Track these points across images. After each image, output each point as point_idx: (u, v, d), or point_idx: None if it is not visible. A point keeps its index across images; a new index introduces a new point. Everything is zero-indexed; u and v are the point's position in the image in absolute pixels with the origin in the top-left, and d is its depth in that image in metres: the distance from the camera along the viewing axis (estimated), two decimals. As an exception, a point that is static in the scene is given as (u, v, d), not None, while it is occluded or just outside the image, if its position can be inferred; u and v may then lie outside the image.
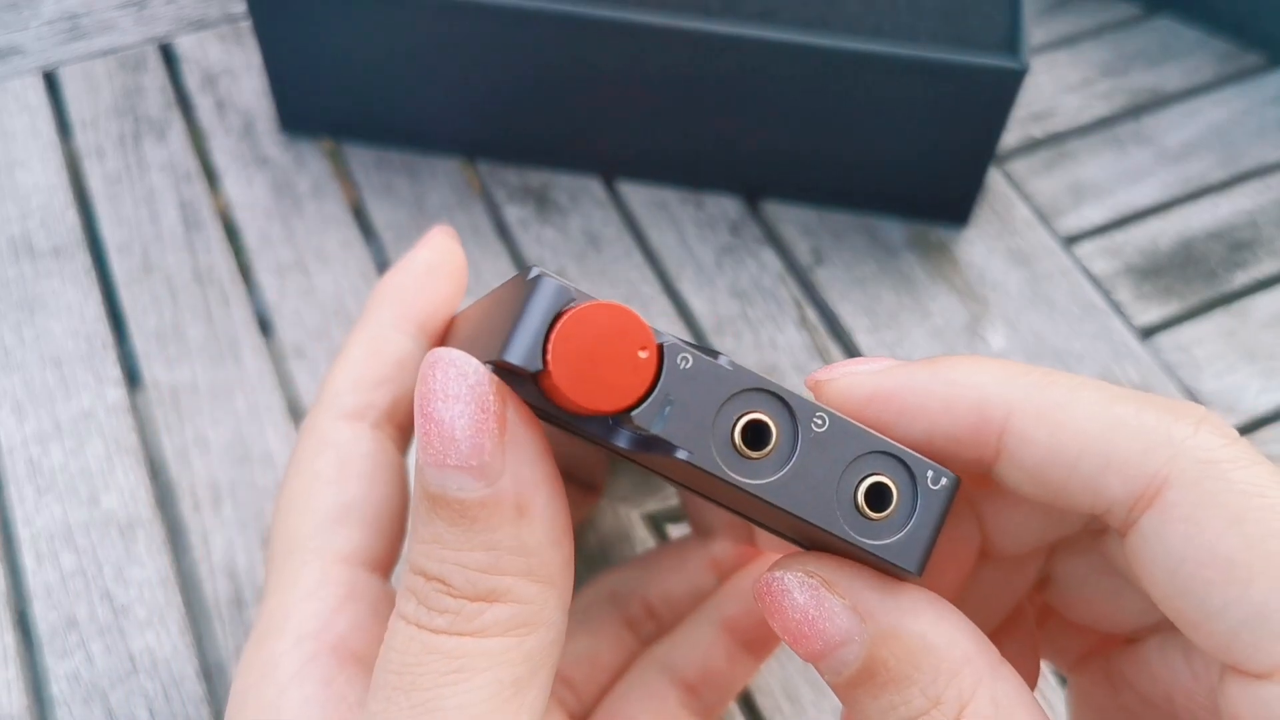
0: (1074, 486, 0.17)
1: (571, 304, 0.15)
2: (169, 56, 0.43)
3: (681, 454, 0.15)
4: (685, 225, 0.39)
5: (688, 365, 0.15)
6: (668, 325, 0.36)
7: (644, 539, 0.32)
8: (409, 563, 0.17)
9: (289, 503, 0.22)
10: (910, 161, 0.37)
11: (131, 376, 0.35)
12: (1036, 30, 0.44)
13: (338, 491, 0.22)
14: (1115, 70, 0.43)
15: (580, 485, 0.28)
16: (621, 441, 0.16)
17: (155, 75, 0.42)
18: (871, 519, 0.16)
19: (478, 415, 0.15)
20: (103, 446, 0.33)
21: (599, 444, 0.16)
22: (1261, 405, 0.35)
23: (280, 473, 0.33)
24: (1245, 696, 0.16)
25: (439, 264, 0.24)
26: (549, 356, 0.15)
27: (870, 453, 0.16)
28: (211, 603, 0.31)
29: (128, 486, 0.32)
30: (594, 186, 0.40)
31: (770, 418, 0.16)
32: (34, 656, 0.30)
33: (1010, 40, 0.34)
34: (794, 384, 0.35)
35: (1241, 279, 0.38)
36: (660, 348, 0.15)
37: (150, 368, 0.35)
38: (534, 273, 0.15)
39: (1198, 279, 0.38)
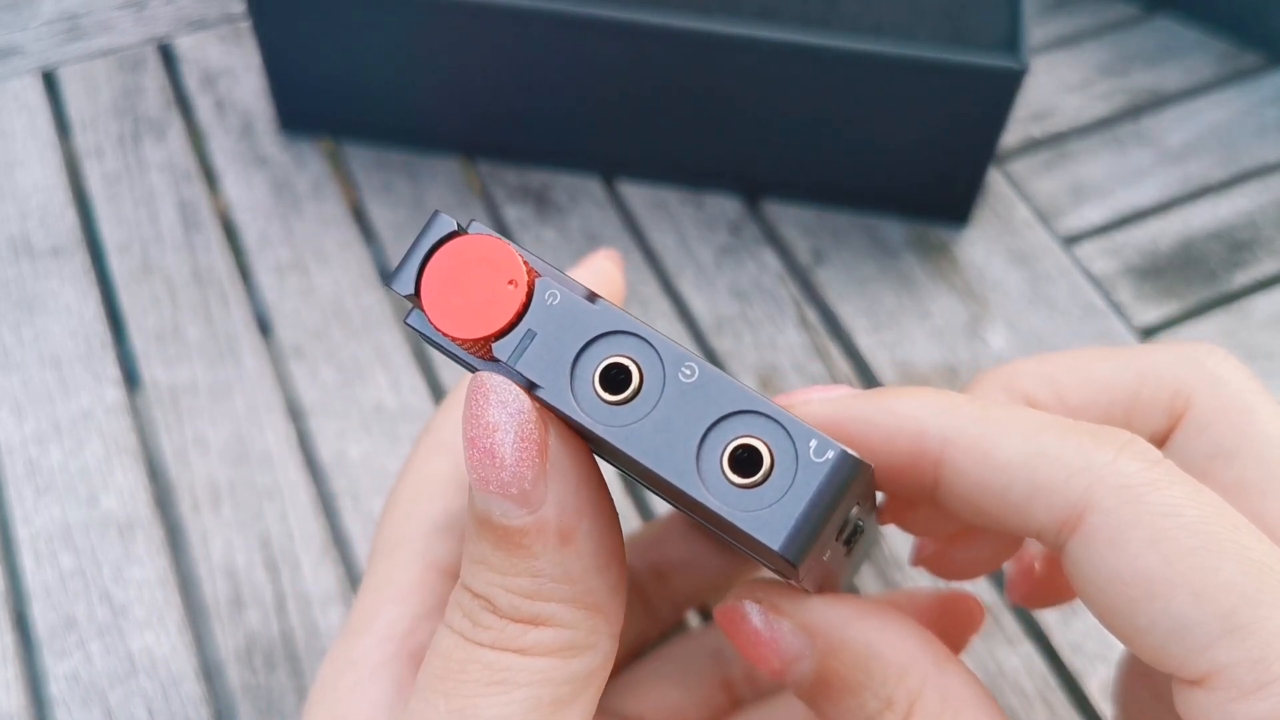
0: (1005, 514, 0.18)
1: (455, 236, 0.16)
2: (168, 57, 0.43)
3: (540, 393, 0.15)
4: (685, 225, 0.39)
5: (555, 301, 0.15)
6: (667, 325, 0.36)
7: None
8: (460, 578, 0.17)
9: (400, 500, 0.22)
10: (910, 161, 0.37)
11: (130, 377, 0.35)
12: (1036, 30, 0.44)
13: (446, 500, 0.22)
14: (1115, 70, 0.43)
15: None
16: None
17: (154, 75, 0.42)
18: (736, 485, 0.15)
19: (519, 444, 0.15)
20: (102, 447, 0.33)
21: None
22: (1262, 405, 0.35)
23: (278, 472, 0.33)
24: (1187, 702, 0.16)
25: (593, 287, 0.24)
26: (421, 282, 0.15)
27: (744, 412, 0.15)
28: (210, 603, 0.31)
29: (127, 487, 0.32)
30: (594, 186, 0.40)
31: (637, 363, 0.15)
32: (33, 657, 0.30)
33: (1010, 40, 0.34)
34: (794, 385, 0.35)
35: (1241, 279, 0.38)
36: (531, 283, 0.15)
37: (149, 368, 0.35)
38: (434, 211, 0.16)
39: (1198, 279, 0.38)
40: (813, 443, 0.15)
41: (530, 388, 0.15)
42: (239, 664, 0.30)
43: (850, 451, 0.15)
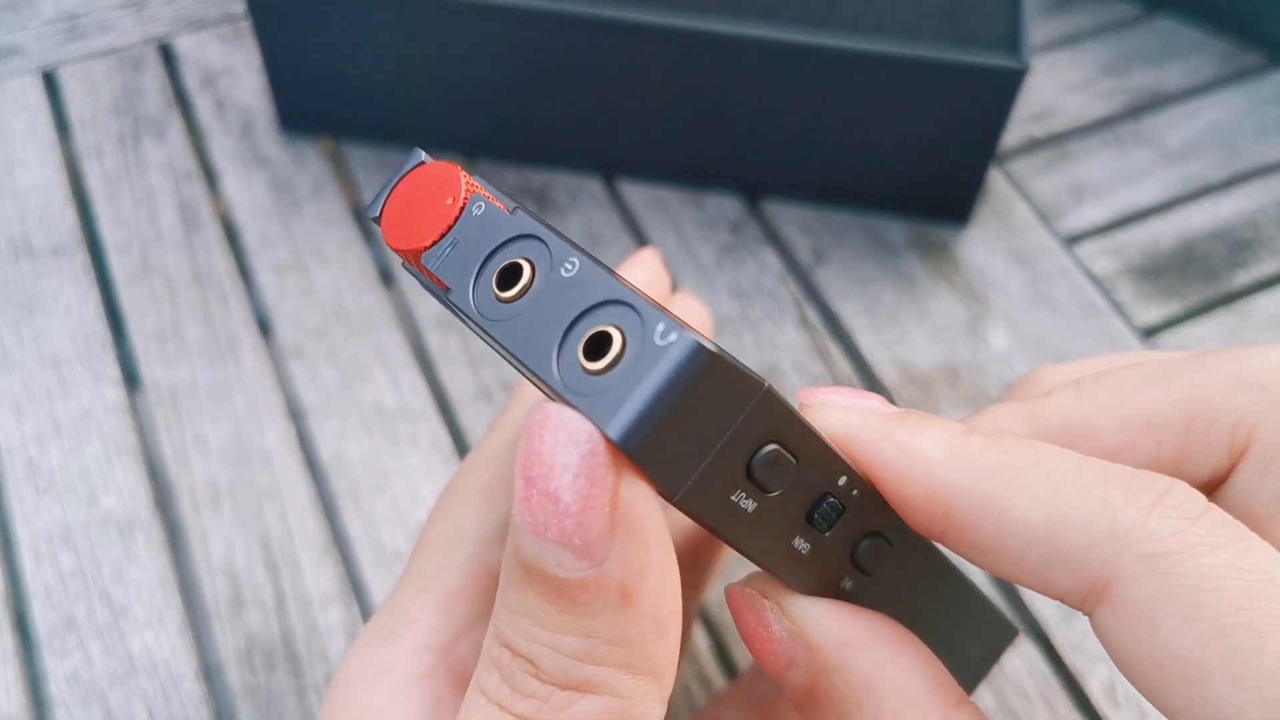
0: (1022, 576, 0.16)
1: (420, 165, 0.17)
2: (168, 56, 0.43)
3: (449, 295, 0.16)
4: (685, 225, 0.39)
5: (479, 213, 0.16)
6: (668, 325, 0.36)
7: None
8: (494, 628, 0.15)
9: (459, 496, 0.20)
10: (911, 161, 0.37)
11: (130, 376, 0.35)
12: (1037, 30, 0.44)
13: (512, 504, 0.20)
14: (1116, 70, 0.43)
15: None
16: (446, 299, 0.16)
17: (154, 75, 0.42)
18: (588, 371, 0.14)
19: (588, 489, 0.14)
20: (101, 446, 0.33)
21: (456, 315, 0.16)
22: (1263, 405, 0.35)
23: (278, 472, 0.33)
24: None
25: (646, 288, 0.22)
26: (383, 206, 0.17)
27: (611, 301, 0.14)
28: (210, 603, 0.31)
29: (126, 487, 0.32)
30: (594, 186, 0.40)
31: (531, 262, 0.15)
32: (32, 657, 0.30)
33: (1011, 40, 0.34)
34: (794, 385, 0.35)
35: (1242, 279, 0.38)
36: (466, 200, 0.16)
37: (149, 368, 0.35)
38: (413, 147, 0.17)
39: (1199, 279, 0.38)
40: (659, 326, 0.14)
41: (446, 293, 0.16)
42: (239, 664, 0.30)
43: (704, 343, 0.14)
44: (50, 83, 0.42)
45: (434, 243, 0.16)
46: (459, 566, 0.20)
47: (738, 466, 0.15)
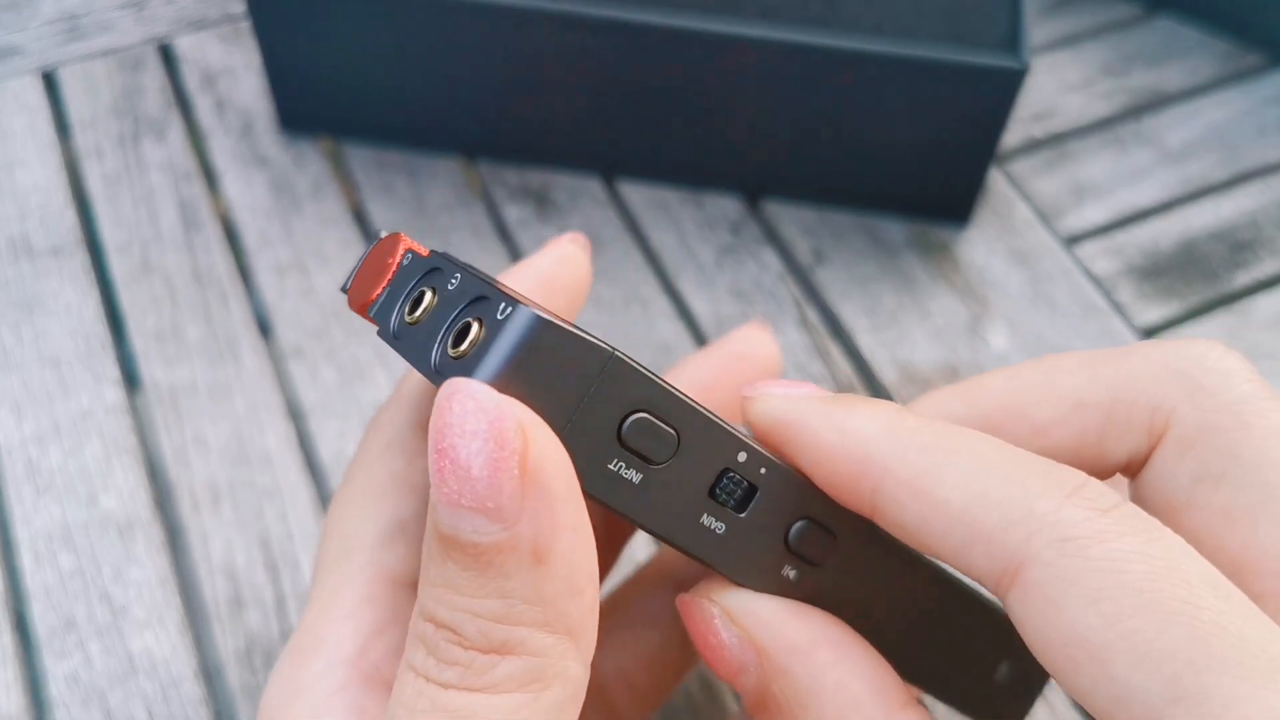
0: (945, 555, 0.17)
1: (379, 239, 0.19)
2: (168, 56, 0.43)
3: (379, 331, 0.18)
4: (685, 225, 0.39)
5: (407, 262, 0.18)
6: (668, 325, 0.36)
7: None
8: (419, 606, 0.16)
9: (346, 505, 0.21)
10: (911, 161, 0.37)
11: (130, 377, 0.35)
12: (1037, 30, 0.44)
13: (396, 504, 0.20)
14: (1116, 70, 0.43)
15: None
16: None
17: (154, 75, 0.42)
18: (453, 357, 0.16)
19: (496, 453, 0.14)
20: (101, 447, 0.33)
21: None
22: (1263, 405, 0.35)
23: (278, 472, 0.33)
24: None
25: (554, 276, 0.22)
26: (352, 279, 0.19)
27: (476, 299, 0.16)
28: (210, 603, 0.31)
29: (126, 487, 0.32)
30: (594, 186, 0.40)
31: (434, 288, 0.17)
32: (32, 657, 0.30)
33: (1011, 40, 0.34)
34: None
35: (1243, 279, 0.38)
36: (402, 257, 0.18)
37: (149, 368, 0.35)
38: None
39: (1199, 279, 0.38)
40: (501, 304, 0.15)
41: (379, 331, 0.18)
42: (239, 664, 0.30)
43: (540, 314, 0.15)
44: (50, 83, 0.42)
45: (375, 297, 0.18)
46: (357, 575, 0.20)
47: (606, 434, 0.16)
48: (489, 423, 0.14)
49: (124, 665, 0.29)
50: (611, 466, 0.16)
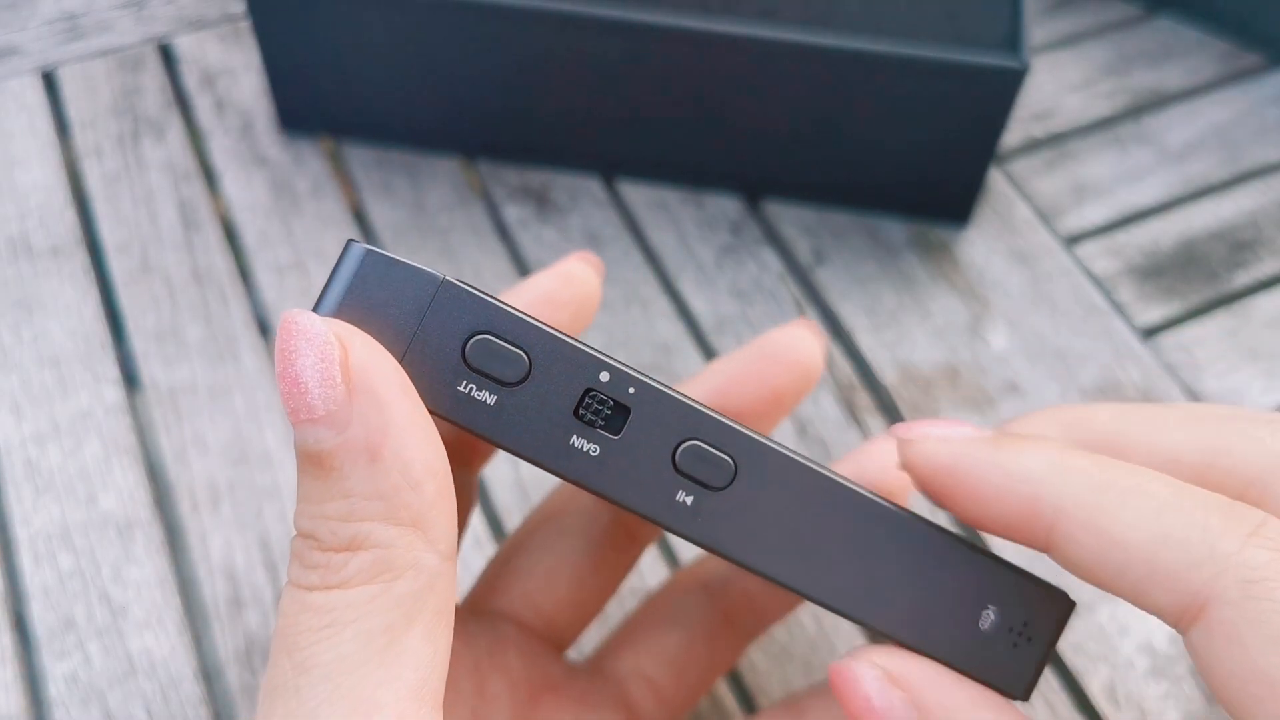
0: (1122, 590, 0.17)
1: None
2: (168, 56, 0.43)
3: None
4: (685, 225, 0.39)
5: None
6: (668, 325, 0.36)
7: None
8: (294, 525, 0.17)
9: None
10: (911, 161, 0.37)
11: (130, 377, 0.35)
12: (1037, 30, 0.44)
13: None
14: (1116, 70, 0.43)
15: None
16: None
17: (154, 75, 0.42)
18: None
19: (321, 366, 0.16)
20: (101, 447, 0.33)
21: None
22: (1264, 405, 0.35)
23: (278, 472, 0.33)
24: None
25: (556, 291, 0.23)
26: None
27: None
28: (210, 603, 0.30)
29: (126, 487, 0.32)
30: (594, 186, 0.39)
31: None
32: (31, 657, 0.30)
33: (1011, 39, 0.34)
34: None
35: (1243, 279, 0.38)
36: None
37: (149, 368, 0.35)
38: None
39: (1199, 279, 0.38)
40: (345, 246, 0.17)
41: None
42: (238, 665, 0.30)
43: (369, 247, 0.17)
44: (50, 83, 0.42)
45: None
46: None
47: (450, 357, 0.17)
48: (308, 340, 0.16)
49: (123, 665, 0.29)
50: (461, 389, 0.17)
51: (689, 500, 0.18)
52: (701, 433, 0.18)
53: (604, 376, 0.18)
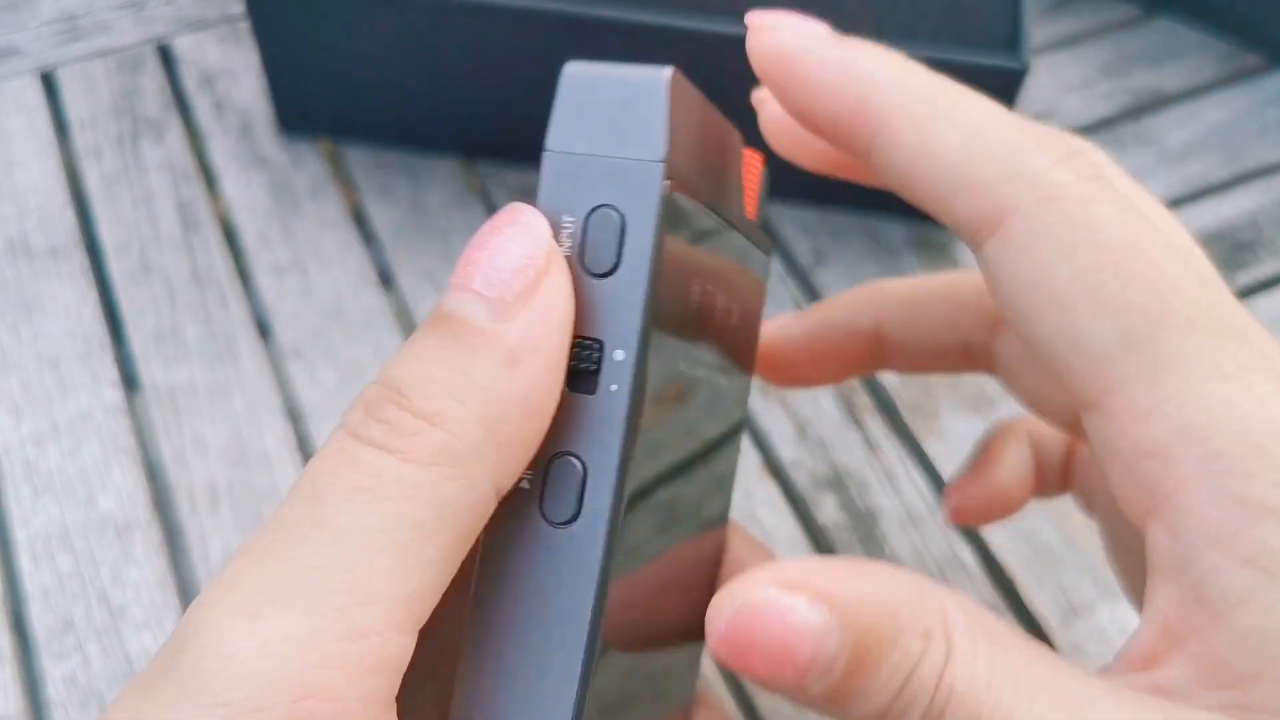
0: (930, 200, 0.18)
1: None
2: (167, 57, 0.43)
3: None
4: (685, 226, 0.39)
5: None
6: (668, 326, 0.36)
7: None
8: (379, 376, 0.16)
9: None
10: (911, 162, 0.37)
11: (129, 377, 0.35)
12: (1037, 30, 0.44)
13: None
14: (1116, 71, 0.43)
15: None
16: None
17: (153, 76, 0.42)
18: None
19: (522, 260, 0.16)
20: (100, 447, 0.33)
21: None
22: (1264, 406, 0.35)
23: (277, 473, 0.33)
24: (1090, 430, 0.17)
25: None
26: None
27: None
28: (209, 604, 0.30)
29: (125, 488, 0.32)
30: (593, 187, 0.39)
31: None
32: (30, 659, 0.30)
33: (1011, 40, 0.34)
34: (794, 385, 0.35)
35: (1243, 279, 0.38)
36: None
37: (148, 368, 0.35)
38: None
39: (1199, 279, 0.38)
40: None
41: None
42: (237, 666, 0.29)
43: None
44: (49, 83, 0.42)
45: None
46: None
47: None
48: (528, 238, 0.16)
49: (122, 666, 0.29)
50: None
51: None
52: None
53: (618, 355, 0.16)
